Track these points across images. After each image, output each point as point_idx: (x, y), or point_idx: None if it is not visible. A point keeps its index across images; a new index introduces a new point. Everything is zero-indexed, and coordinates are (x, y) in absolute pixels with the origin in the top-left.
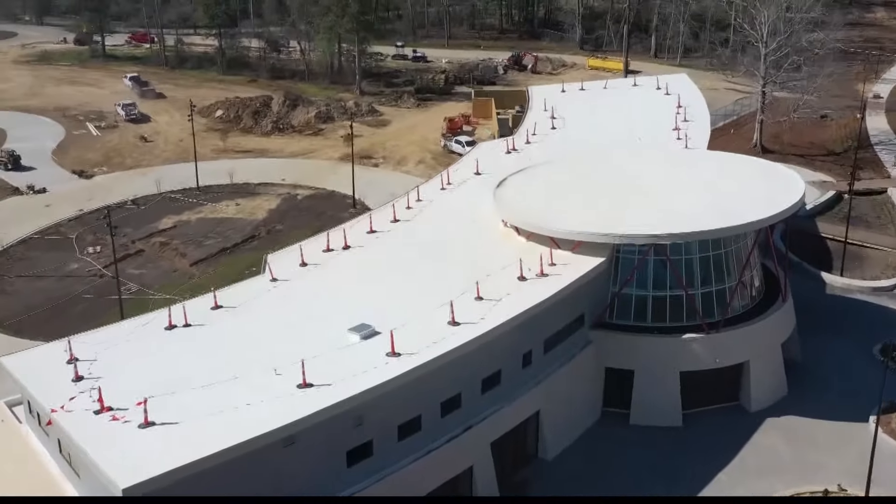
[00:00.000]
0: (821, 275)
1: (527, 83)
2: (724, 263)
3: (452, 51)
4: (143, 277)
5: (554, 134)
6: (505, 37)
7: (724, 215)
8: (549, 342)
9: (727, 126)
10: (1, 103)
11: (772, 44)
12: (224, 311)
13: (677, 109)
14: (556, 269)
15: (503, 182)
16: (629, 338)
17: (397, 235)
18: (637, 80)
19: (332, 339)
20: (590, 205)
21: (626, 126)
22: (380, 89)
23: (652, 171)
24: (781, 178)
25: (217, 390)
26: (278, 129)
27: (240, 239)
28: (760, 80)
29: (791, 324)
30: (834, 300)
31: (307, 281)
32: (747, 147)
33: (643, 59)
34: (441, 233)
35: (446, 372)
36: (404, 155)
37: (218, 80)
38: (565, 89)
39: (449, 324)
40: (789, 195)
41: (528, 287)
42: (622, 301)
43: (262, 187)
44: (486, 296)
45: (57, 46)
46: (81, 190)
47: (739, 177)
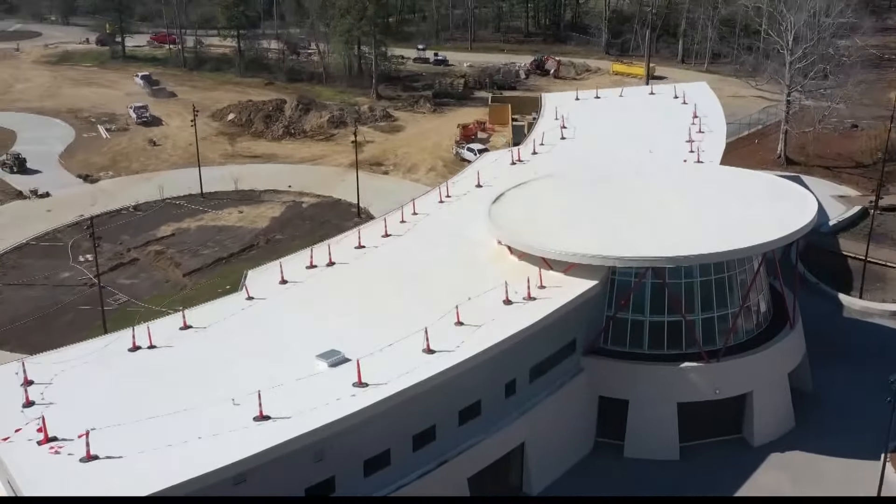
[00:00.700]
0: (838, 296)
1: (548, 88)
2: (726, 288)
3: (476, 54)
4: (134, 288)
5: (562, 145)
6: (530, 40)
7: (728, 238)
8: (535, 370)
9: (751, 136)
10: (16, 104)
11: (797, 51)
12: (193, 332)
13: (693, 120)
14: (546, 292)
15: (500, 197)
16: (623, 366)
17: (385, 252)
18: (655, 88)
19: (299, 365)
20: (587, 223)
21: (638, 137)
22: (397, 93)
23: (657, 187)
24: (794, 197)
25: (171, 421)
26: (289, 134)
27: (237, 248)
28: (785, 89)
29: (800, 351)
30: (851, 324)
31: (284, 300)
32: (771, 158)
33: (670, 64)
34: (431, 250)
35: (419, 403)
36: (415, 162)
37: (235, 82)
38: (580, 97)
39: (424, 351)
40: (799, 217)
41: (514, 312)
42: (617, 326)
43: (268, 194)
44: (467, 321)
45: (79, 47)
46: (85, 195)
47: (749, 195)
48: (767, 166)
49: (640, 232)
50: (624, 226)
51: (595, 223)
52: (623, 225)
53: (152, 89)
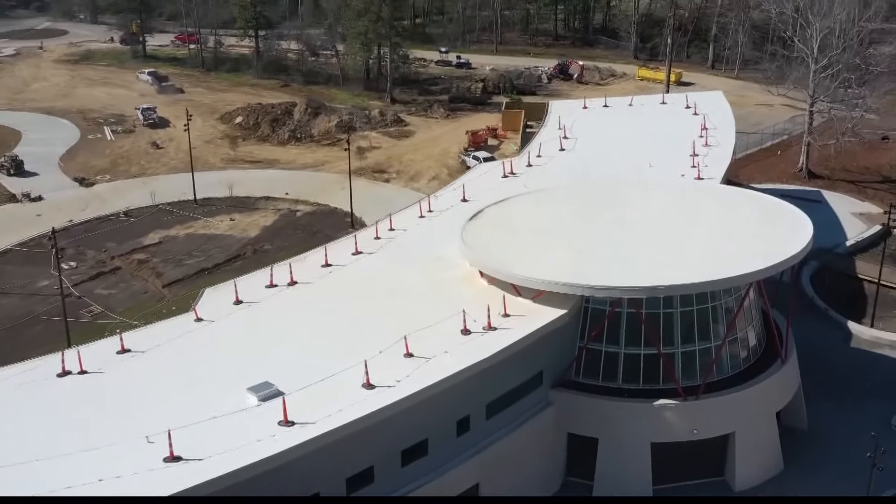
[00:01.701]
0: (847, 324)
1: (570, 94)
2: (709, 319)
3: (501, 57)
4: (110, 299)
5: (560, 157)
6: (558, 43)
7: (711, 265)
8: (494, 405)
9: (775, 146)
10: (28, 103)
11: (822, 59)
12: (130, 356)
13: (701, 132)
14: (509, 321)
15: (477, 214)
16: (592, 401)
17: (351, 272)
18: (667, 97)
19: (229, 398)
20: (564, 246)
21: (640, 150)
22: (413, 97)
23: (646, 206)
24: (789, 221)
25: (77, 459)
26: (296, 139)
27: (223, 259)
28: (809, 98)
29: (792, 388)
30: (857, 356)
31: (232, 324)
32: (792, 171)
33: (700, 70)
34: (399, 271)
35: (353, 443)
36: (419, 170)
37: (251, 84)
38: (588, 105)
39: (363, 386)
40: (791, 244)
41: (470, 343)
42: (590, 357)
43: (263, 201)
44: (418, 352)
45: (102, 46)
46: (78, 199)
47: (742, 216)
48: (787, 180)
49: (619, 256)
50: (603, 249)
51: (573, 246)
52: (602, 248)
53: (161, 86)
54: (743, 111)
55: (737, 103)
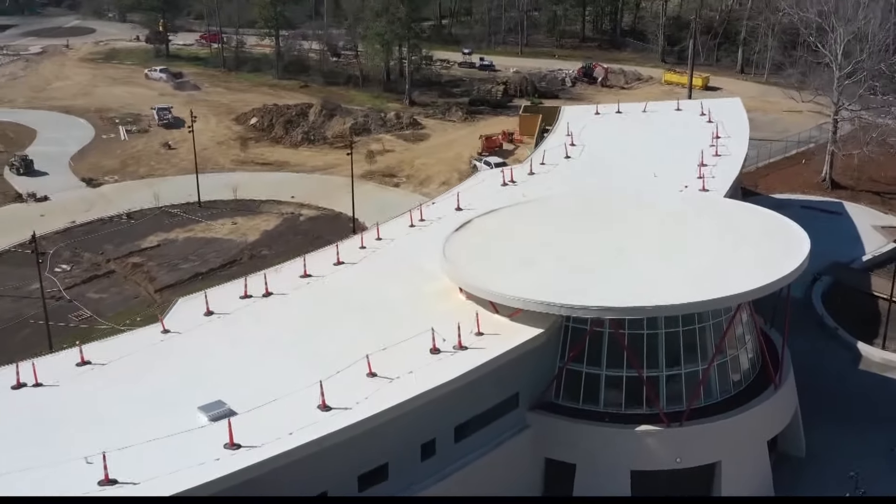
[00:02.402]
0: (856, 345)
1: (592, 98)
2: (697, 341)
3: (526, 59)
4: (101, 303)
5: (564, 165)
6: (585, 46)
7: (700, 285)
8: (463, 428)
9: (800, 155)
10: (48, 102)
11: (847, 66)
12: (89, 369)
13: (712, 141)
14: (482, 340)
15: (464, 226)
16: (571, 425)
17: (329, 284)
18: (682, 103)
19: (180, 417)
20: (549, 261)
21: (648, 158)
22: (432, 100)
23: (639, 221)
24: (788, 239)
25: (8, 481)
26: (309, 141)
27: (219, 263)
28: (832, 106)
29: (787, 414)
30: (865, 379)
31: (198, 337)
32: (815, 181)
33: (729, 74)
34: (378, 284)
35: (304, 468)
36: (430, 175)
37: (271, 84)
38: (600, 111)
39: (318, 408)
40: (784, 263)
41: (438, 363)
42: (570, 379)
43: (268, 205)
44: (382, 371)
45: (128, 44)
46: (82, 200)
47: (739, 234)
48: (809, 190)
49: (603, 274)
50: (589, 265)
51: (558, 261)
52: (587, 265)
53: (176, 82)
54: (769, 117)
55: (763, 109)
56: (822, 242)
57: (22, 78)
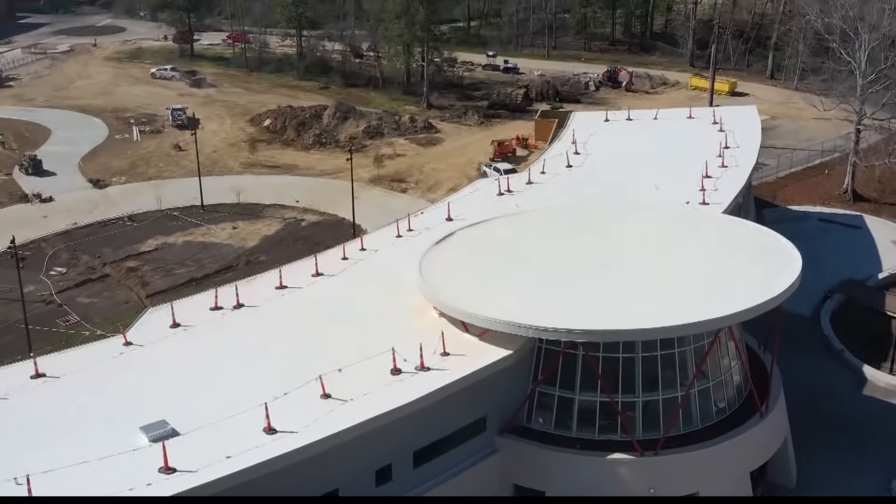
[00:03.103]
0: (862, 368)
1: (615, 102)
2: (676, 366)
3: (552, 62)
4: (91, 308)
5: (565, 174)
6: (614, 49)
7: (679, 308)
8: (424, 453)
9: (823, 165)
10: (67, 101)
11: (871, 73)
12: (42, 382)
13: (720, 151)
14: (447, 361)
15: (445, 238)
16: (540, 451)
17: (303, 296)
18: (694, 111)
19: (122, 437)
20: (526, 279)
21: (652, 169)
22: (451, 103)
23: (627, 238)
24: (779, 259)
25: None
26: (320, 144)
27: (214, 269)
28: (855, 115)
29: (774, 443)
30: (868, 405)
31: (159, 350)
32: (836, 193)
33: (758, 79)
34: (353, 298)
35: (244, 493)
36: (439, 180)
37: (291, 85)
38: (609, 118)
39: (264, 431)
40: (772, 286)
41: (397, 384)
42: (543, 402)
43: (271, 209)
44: (337, 392)
45: (154, 44)
46: (87, 201)
47: (730, 253)
48: (830, 202)
49: (582, 292)
50: (567, 283)
51: (536, 278)
52: (567, 282)
53: (192, 80)
54: (796, 125)
55: (791, 116)
56: (837, 258)
57: (46, 76)
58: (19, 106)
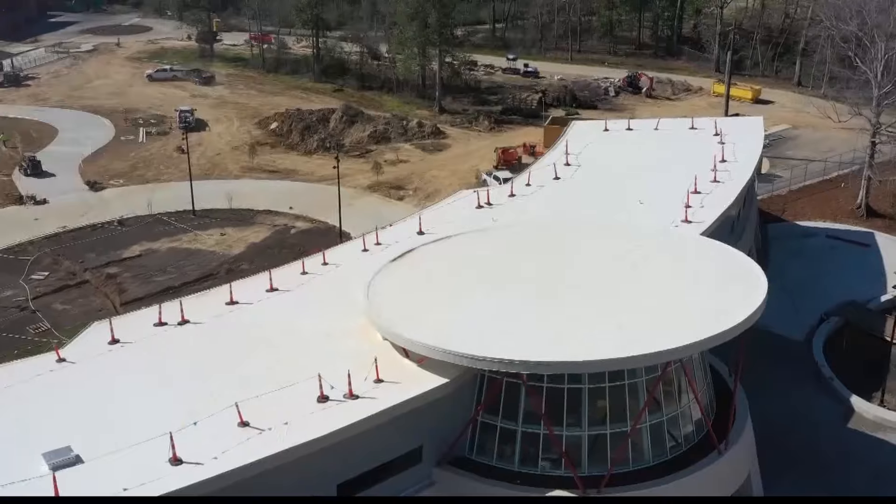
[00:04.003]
0: (850, 399)
1: (633, 109)
2: (626, 399)
3: (575, 66)
4: (63, 315)
5: (550, 187)
6: (640, 53)
7: (629, 339)
8: (350, 485)
9: (841, 177)
10: (80, 101)
11: (887, 84)
12: None
13: (715, 165)
14: (379, 388)
15: (402, 256)
16: (478, 484)
17: (251, 313)
18: (697, 121)
19: (24, 464)
20: (474, 303)
21: (641, 182)
22: (463, 107)
23: (591, 258)
24: (745, 287)
25: None
26: (324, 148)
27: (194, 277)
28: (870, 127)
29: (734, 481)
30: (852, 438)
31: (90, 369)
32: (849, 208)
33: (785, 86)
34: (298, 317)
35: None
36: (438, 188)
37: (305, 87)
38: (609, 127)
39: (169, 462)
40: (729, 317)
41: (322, 412)
42: (485, 433)
43: (262, 215)
44: (256, 420)
45: (178, 43)
46: (80, 204)
47: (695, 278)
48: (842, 218)
49: (531, 318)
50: (518, 308)
51: (485, 302)
52: (518, 307)
53: (202, 78)
54: (818, 135)
55: (814, 125)
56: (841, 278)
57: (65, 76)
58: (33, 105)
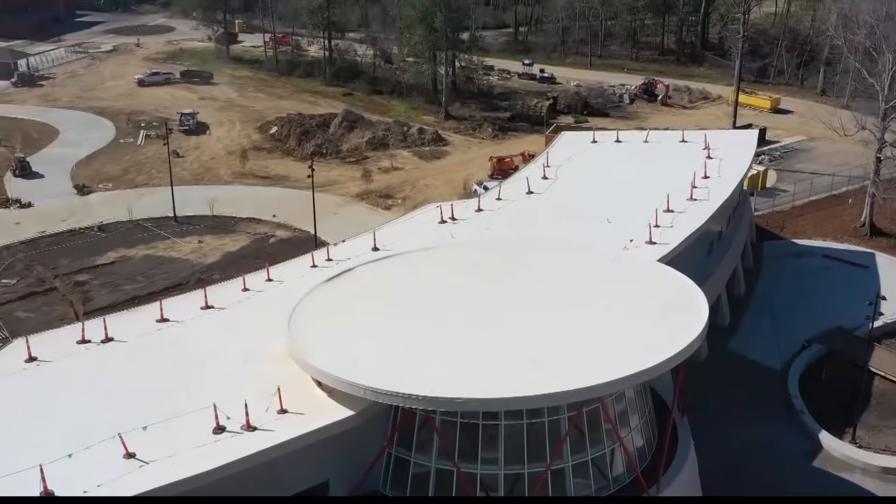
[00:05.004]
0: (819, 434)
1: (647, 117)
2: (545, 436)
3: (594, 72)
4: (25, 323)
5: (520, 202)
6: (663, 59)
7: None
8: None
9: (849, 193)
10: (88, 102)
11: (893, 98)
12: None
13: (695, 182)
14: (281, 420)
15: (338, 276)
16: None
17: (178, 331)
18: (687, 135)
19: None
20: (396, 330)
21: (614, 199)
22: (471, 113)
23: (531, 285)
24: (684, 317)
25: None
26: (320, 154)
27: (162, 286)
28: (876, 142)
29: None
30: (814, 479)
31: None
32: (853, 226)
33: (808, 96)
34: (221, 338)
35: None
36: (428, 198)
37: (315, 90)
38: (597, 139)
39: (41, 495)
40: (657, 352)
41: (215, 444)
42: (399, 468)
43: (244, 223)
44: (143, 452)
45: (197, 44)
46: (65, 208)
47: (636, 307)
48: (844, 236)
49: (449, 348)
50: (439, 336)
51: (408, 329)
52: (439, 335)
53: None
54: (833, 147)
55: (832, 137)
56: (832, 301)
57: (80, 76)
58: (42, 106)
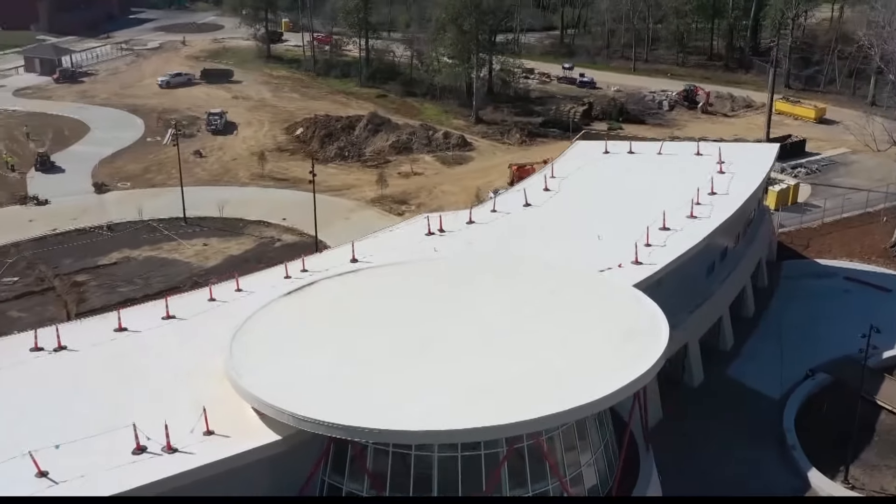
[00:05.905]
0: (809, 472)
1: (685, 126)
2: (483, 470)
3: (637, 77)
4: (16, 323)
5: (516, 216)
6: (710, 64)
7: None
8: None
9: (883, 211)
10: (124, 100)
11: None
12: None
13: (699, 198)
14: (205, 442)
15: (297, 291)
16: None
17: (127, 344)
18: (703, 147)
19: None
20: (342, 351)
21: (612, 215)
22: (503, 118)
23: (493, 308)
24: (640, 345)
25: None
26: (342, 157)
27: (158, 289)
28: None
29: None
30: None
31: None
32: (882, 246)
33: (859, 106)
34: (169, 352)
35: None
36: (443, 205)
37: (349, 91)
38: (609, 149)
39: None
40: (606, 383)
41: (132, 466)
42: (333, 495)
43: (252, 226)
44: (56, 471)
45: (242, 43)
46: (79, 207)
47: (596, 335)
48: (871, 257)
49: (390, 373)
50: (384, 359)
51: (351, 352)
52: (384, 358)
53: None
54: (873, 162)
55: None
56: (846, 327)
57: (122, 73)
58: (78, 103)
